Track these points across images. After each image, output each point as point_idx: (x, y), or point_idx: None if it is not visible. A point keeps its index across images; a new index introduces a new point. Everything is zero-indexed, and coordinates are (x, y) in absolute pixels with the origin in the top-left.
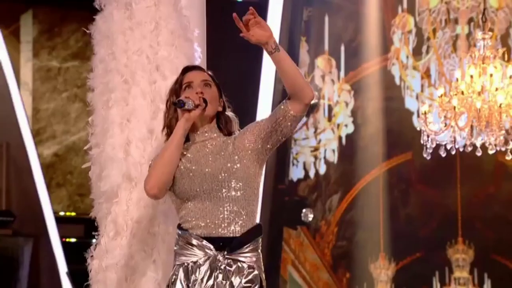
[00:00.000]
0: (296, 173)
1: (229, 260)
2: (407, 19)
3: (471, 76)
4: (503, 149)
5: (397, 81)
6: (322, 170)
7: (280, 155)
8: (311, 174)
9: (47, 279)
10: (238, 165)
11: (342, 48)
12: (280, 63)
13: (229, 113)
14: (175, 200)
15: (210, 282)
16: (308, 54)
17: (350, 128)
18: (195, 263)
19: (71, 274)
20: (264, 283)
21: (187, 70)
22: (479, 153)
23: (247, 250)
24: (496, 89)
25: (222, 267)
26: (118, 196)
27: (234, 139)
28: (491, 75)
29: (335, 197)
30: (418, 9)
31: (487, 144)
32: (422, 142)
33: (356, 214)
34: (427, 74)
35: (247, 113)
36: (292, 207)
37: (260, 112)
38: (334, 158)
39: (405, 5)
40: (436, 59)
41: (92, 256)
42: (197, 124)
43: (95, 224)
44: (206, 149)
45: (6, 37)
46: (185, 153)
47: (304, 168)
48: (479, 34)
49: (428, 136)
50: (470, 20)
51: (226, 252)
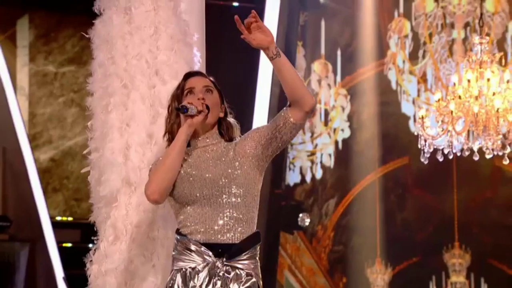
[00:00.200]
0: (292, 177)
1: (227, 267)
2: (404, 23)
3: (469, 81)
4: (500, 153)
5: (393, 85)
6: (319, 174)
7: (276, 160)
8: (308, 178)
9: (44, 284)
10: (239, 171)
11: (339, 52)
12: (280, 69)
13: (230, 119)
14: (174, 205)
15: None
16: (304, 59)
17: (347, 133)
18: (193, 269)
19: (68, 279)
20: None
21: (189, 75)
22: (476, 157)
23: (245, 257)
24: (494, 93)
25: (221, 274)
26: (117, 200)
27: (235, 145)
28: (489, 80)
29: (332, 201)
30: (415, 13)
31: (484, 149)
32: (419, 146)
33: (352, 218)
34: (423, 79)
35: (243, 117)
36: (289, 211)
37: (257, 116)
38: (330, 162)
39: (401, 9)
40: (433, 63)
41: (91, 260)
42: (198, 130)
43: (92, 229)
44: (207, 154)
45: (2, 41)
46: (185, 158)
47: (301, 172)
48: (476, 39)
49: (425, 141)
50: (466, 24)
51: (224, 259)
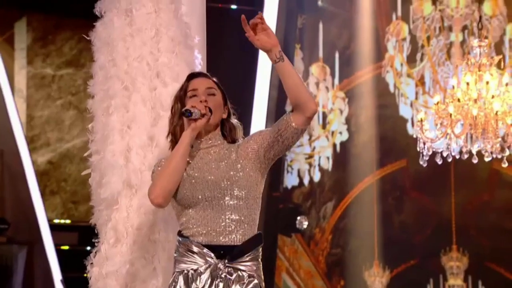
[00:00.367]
0: (290, 180)
1: (229, 269)
2: (401, 26)
3: (467, 84)
4: (499, 156)
5: (391, 88)
6: (317, 177)
7: (274, 163)
8: (306, 181)
9: (41, 286)
10: (241, 173)
11: (337, 55)
12: (283, 73)
13: (233, 120)
14: (176, 207)
15: None
16: (302, 62)
17: (345, 136)
18: (195, 270)
19: (66, 282)
20: None
21: (192, 76)
22: (475, 160)
23: (247, 258)
24: (493, 96)
25: (223, 276)
26: (118, 203)
27: (237, 147)
28: (488, 83)
29: (330, 204)
30: (412, 16)
31: (483, 152)
32: (418, 149)
33: (350, 221)
34: (421, 82)
35: (241, 120)
36: (287, 214)
37: (255, 119)
38: (328, 165)
39: (399, 12)
40: (430, 66)
41: (92, 263)
42: (201, 131)
43: (89, 232)
44: (210, 156)
45: (0, 44)
46: (188, 159)
47: (299, 175)
48: (475, 42)
49: (424, 144)
50: (464, 27)
51: (226, 261)
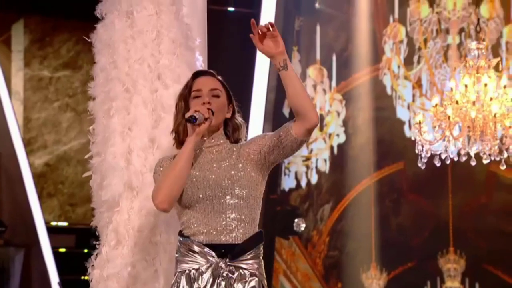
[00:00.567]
0: (288, 182)
1: (231, 267)
2: (399, 29)
3: (466, 86)
4: (497, 158)
5: (388, 90)
6: (314, 179)
7: None
8: (303, 183)
9: None
10: (242, 173)
11: (334, 57)
12: (286, 81)
13: (238, 119)
14: (177, 206)
15: None
16: (299, 64)
17: (342, 138)
18: (197, 270)
19: (63, 284)
20: None
21: (197, 75)
22: (473, 162)
23: (249, 257)
24: (491, 98)
25: (225, 274)
26: (119, 205)
27: (239, 148)
28: (486, 85)
29: (327, 206)
30: (410, 19)
31: (481, 154)
32: (416, 151)
33: (347, 223)
34: (418, 84)
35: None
36: (284, 217)
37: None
38: (325, 167)
39: (396, 15)
40: (428, 69)
41: (93, 265)
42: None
43: (87, 234)
44: (211, 155)
45: None
46: None
47: (296, 177)
48: (473, 44)
49: (422, 146)
50: (461, 30)
51: (228, 259)
